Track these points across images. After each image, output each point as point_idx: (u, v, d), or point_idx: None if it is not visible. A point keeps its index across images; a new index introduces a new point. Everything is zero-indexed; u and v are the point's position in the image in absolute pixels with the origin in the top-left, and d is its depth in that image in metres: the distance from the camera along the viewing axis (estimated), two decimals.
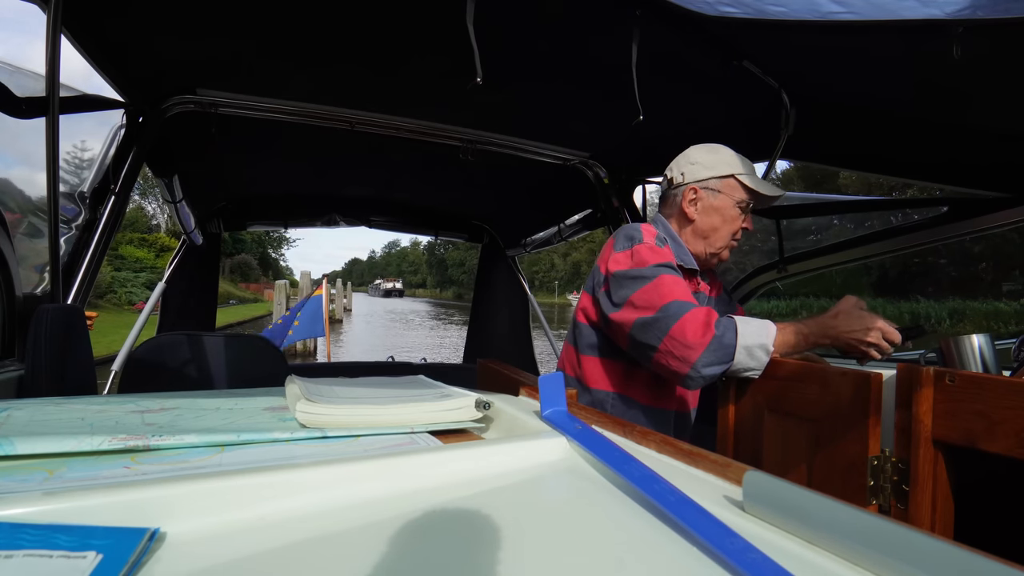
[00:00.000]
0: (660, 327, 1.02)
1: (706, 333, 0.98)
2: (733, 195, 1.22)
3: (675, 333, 1.00)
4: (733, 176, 1.22)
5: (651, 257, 1.10)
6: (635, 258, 1.11)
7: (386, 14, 1.23)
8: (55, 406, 0.62)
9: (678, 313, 1.01)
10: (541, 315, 3.33)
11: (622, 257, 1.13)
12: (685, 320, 1.00)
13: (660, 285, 1.06)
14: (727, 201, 1.22)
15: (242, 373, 1.59)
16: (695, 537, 0.35)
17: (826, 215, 1.93)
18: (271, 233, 39.89)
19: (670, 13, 1.08)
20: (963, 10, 0.91)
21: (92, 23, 1.22)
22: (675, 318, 1.00)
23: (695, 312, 1.01)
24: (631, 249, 1.13)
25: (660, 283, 1.06)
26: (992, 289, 22.42)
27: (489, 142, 1.94)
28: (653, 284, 1.06)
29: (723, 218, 1.22)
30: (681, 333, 0.99)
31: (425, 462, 0.46)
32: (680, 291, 1.06)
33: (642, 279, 1.08)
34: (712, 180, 1.23)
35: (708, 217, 1.23)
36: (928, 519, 0.74)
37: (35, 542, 0.30)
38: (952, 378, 0.72)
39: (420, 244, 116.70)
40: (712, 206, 1.23)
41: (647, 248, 1.12)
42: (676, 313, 1.01)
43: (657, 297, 1.04)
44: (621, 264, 1.13)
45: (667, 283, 1.06)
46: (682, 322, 1.00)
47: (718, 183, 1.23)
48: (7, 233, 1.13)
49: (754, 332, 0.98)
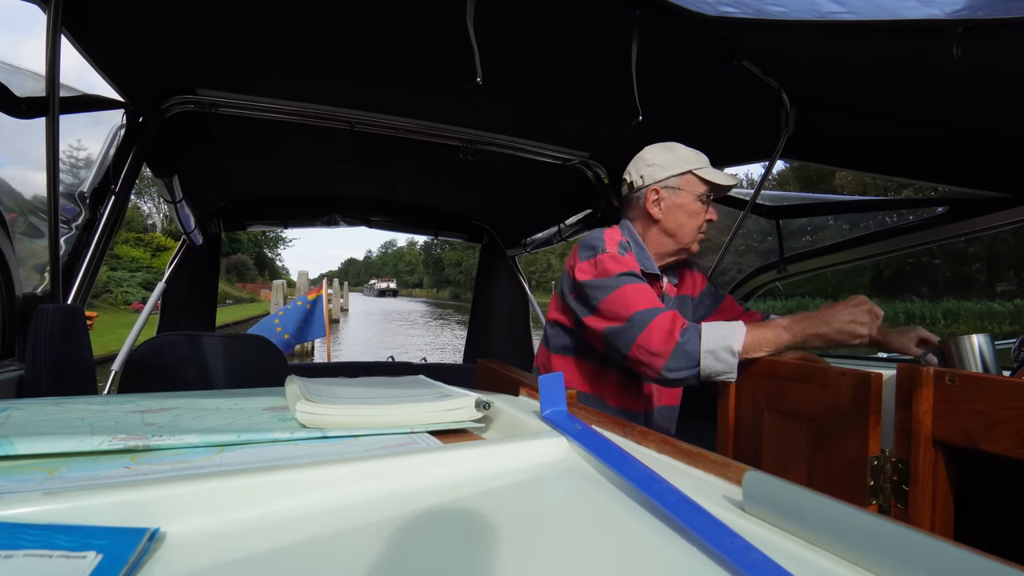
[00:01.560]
0: (628, 336, 1.06)
1: (669, 341, 1.02)
2: (693, 190, 1.25)
3: (641, 342, 1.04)
4: (690, 172, 1.25)
5: (613, 267, 1.13)
6: (598, 267, 1.15)
7: (386, 14, 1.23)
8: (55, 406, 0.62)
9: (643, 322, 1.05)
10: (541, 315, 3.32)
11: (587, 267, 1.17)
12: (651, 329, 1.04)
13: (624, 295, 1.09)
14: (688, 197, 1.25)
15: (242, 373, 1.59)
16: (695, 537, 0.35)
17: (826, 215, 1.94)
18: (267, 233, 39.84)
19: (670, 13, 1.08)
20: (963, 10, 0.92)
21: (92, 23, 1.22)
22: (640, 327, 1.05)
23: (660, 320, 1.04)
24: (594, 259, 1.16)
25: (623, 293, 1.10)
26: (986, 289, 22.49)
27: (489, 142, 1.94)
28: (617, 294, 1.10)
29: (687, 214, 1.25)
30: (647, 341, 1.03)
31: (425, 462, 0.46)
32: (644, 299, 1.09)
33: (606, 289, 1.11)
34: (671, 179, 1.26)
35: (672, 215, 1.26)
36: (928, 519, 0.74)
37: (35, 542, 0.30)
38: (952, 378, 0.72)
39: (417, 244, 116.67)
40: (674, 204, 1.26)
41: (609, 258, 1.15)
42: (641, 322, 1.05)
43: (622, 308, 1.08)
44: (587, 274, 1.16)
45: (630, 293, 1.10)
46: (647, 331, 1.04)
47: (677, 180, 1.26)
48: (7, 233, 1.13)
49: (718, 336, 1.01)
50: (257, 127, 1.78)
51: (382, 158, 2.22)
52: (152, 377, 1.52)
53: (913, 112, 1.31)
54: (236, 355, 1.62)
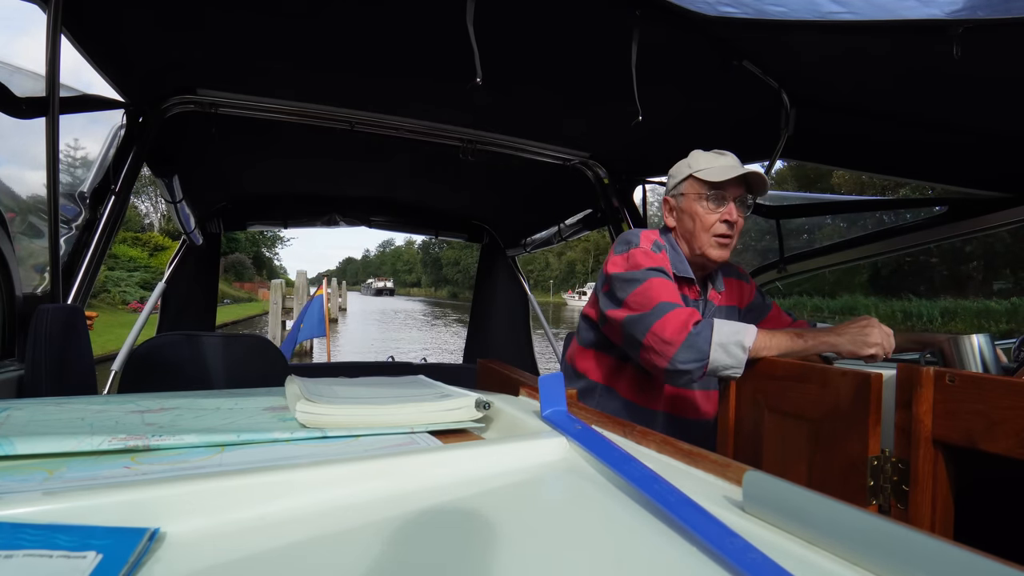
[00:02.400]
0: (645, 323, 1.10)
1: (683, 331, 1.06)
2: (695, 192, 1.26)
3: (656, 329, 1.08)
4: (691, 175, 1.26)
5: (645, 261, 1.17)
6: (630, 261, 1.19)
7: (386, 14, 1.23)
8: (55, 406, 0.62)
9: (662, 312, 1.09)
10: (541, 315, 3.33)
11: (619, 260, 1.21)
12: (667, 318, 1.08)
13: (650, 287, 1.14)
14: (691, 201, 1.27)
15: (242, 373, 1.59)
16: (695, 537, 0.35)
17: (827, 215, 1.94)
18: (265, 232, 39.74)
19: (670, 13, 1.08)
20: (963, 10, 0.92)
21: (92, 23, 1.22)
22: (658, 316, 1.09)
23: (677, 312, 1.09)
24: (627, 253, 1.20)
25: (650, 285, 1.14)
26: (983, 288, 22.53)
27: (489, 142, 1.94)
28: (644, 286, 1.14)
29: (691, 218, 1.27)
30: (661, 329, 1.08)
31: (425, 462, 0.46)
32: (668, 294, 1.13)
33: (635, 281, 1.16)
34: (678, 185, 1.29)
35: (682, 222, 1.29)
36: (928, 519, 0.74)
37: (35, 542, 0.30)
38: (952, 378, 0.72)
39: (415, 243, 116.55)
40: (682, 210, 1.29)
41: (642, 252, 1.19)
42: (660, 312, 1.10)
43: (646, 299, 1.12)
44: (618, 267, 1.20)
45: (656, 286, 1.14)
46: (664, 320, 1.08)
47: (682, 186, 1.28)
48: (7, 233, 1.13)
49: (731, 331, 1.04)
50: (257, 127, 1.78)
51: (382, 158, 2.22)
52: (152, 377, 1.52)
53: (913, 112, 1.31)
54: (236, 355, 1.62)
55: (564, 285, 67.69)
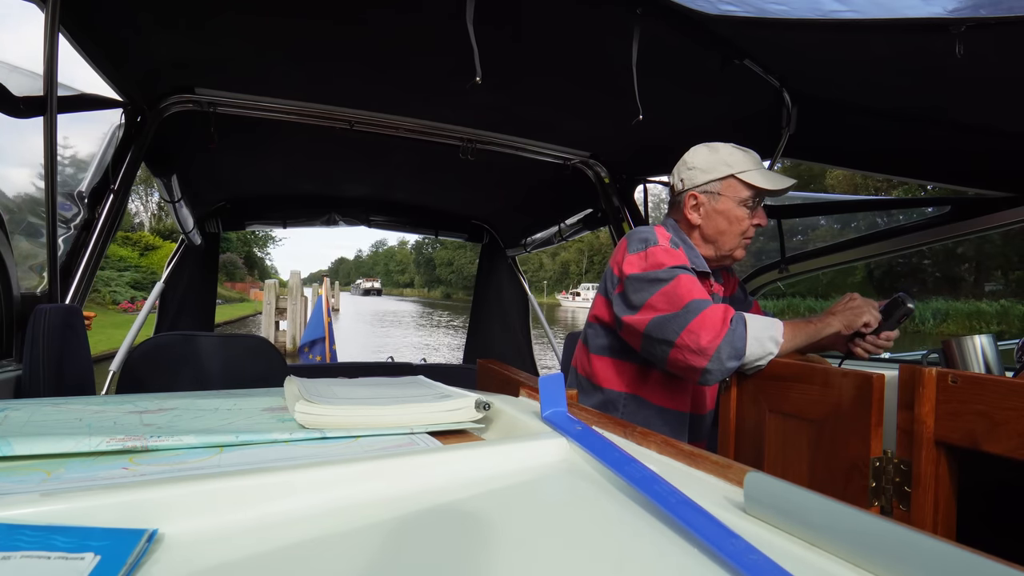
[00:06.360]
0: (679, 323, 1.04)
1: (723, 327, 1.01)
2: (735, 195, 1.19)
3: (694, 327, 1.02)
4: (733, 176, 1.19)
5: (667, 259, 1.11)
6: (650, 260, 1.11)
7: (386, 14, 1.23)
8: (53, 407, 0.62)
9: (697, 309, 1.03)
10: (541, 315, 3.33)
11: (636, 259, 1.13)
12: (704, 315, 1.02)
13: (679, 285, 1.07)
14: (729, 203, 1.20)
15: (241, 373, 1.59)
16: (696, 538, 0.35)
17: (828, 215, 1.93)
18: (256, 232, 39.63)
19: (671, 12, 1.08)
20: (965, 8, 0.91)
21: (90, 22, 1.21)
22: (694, 313, 1.03)
23: (714, 308, 1.03)
24: (645, 251, 1.13)
25: (679, 283, 1.07)
26: (975, 289, 22.60)
27: (489, 142, 1.93)
28: (672, 285, 1.07)
29: (728, 220, 1.20)
30: (700, 327, 1.01)
31: (425, 463, 0.46)
32: (698, 291, 1.07)
33: (660, 281, 1.09)
34: (711, 183, 1.21)
35: (712, 221, 1.21)
36: (931, 520, 0.73)
37: (33, 543, 0.30)
38: (954, 379, 0.71)
39: (407, 243, 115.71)
40: (715, 210, 1.21)
41: (662, 250, 1.12)
42: (696, 309, 1.03)
43: (677, 297, 1.06)
44: (636, 267, 1.13)
45: (685, 283, 1.07)
46: (701, 317, 1.02)
47: (717, 185, 1.20)
48: (5, 233, 1.12)
49: (763, 325, 1.02)
50: (256, 126, 1.78)
51: (382, 157, 2.22)
52: (150, 377, 1.52)
53: (915, 111, 1.31)
54: (235, 355, 1.62)
55: (558, 286, 67.60)
